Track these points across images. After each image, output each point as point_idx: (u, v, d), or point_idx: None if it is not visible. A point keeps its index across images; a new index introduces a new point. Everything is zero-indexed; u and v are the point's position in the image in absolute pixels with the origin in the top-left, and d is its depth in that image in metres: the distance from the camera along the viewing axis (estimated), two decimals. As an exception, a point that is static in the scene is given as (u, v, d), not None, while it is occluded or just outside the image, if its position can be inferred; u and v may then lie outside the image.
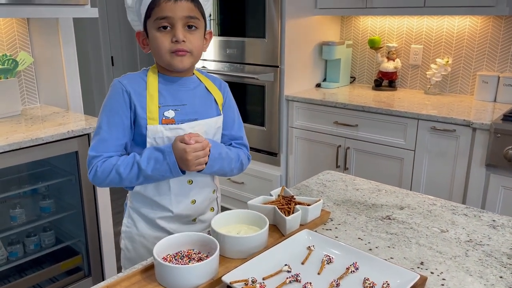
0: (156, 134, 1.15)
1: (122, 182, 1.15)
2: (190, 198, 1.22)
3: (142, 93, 1.17)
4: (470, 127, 2.22)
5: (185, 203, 1.22)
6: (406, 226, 1.18)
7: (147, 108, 1.15)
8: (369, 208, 1.28)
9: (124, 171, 1.13)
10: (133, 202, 1.25)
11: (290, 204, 1.15)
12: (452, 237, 1.13)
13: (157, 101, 1.17)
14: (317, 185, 1.44)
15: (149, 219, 1.23)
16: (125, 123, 1.16)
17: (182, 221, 1.24)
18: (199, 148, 1.12)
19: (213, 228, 1.01)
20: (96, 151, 1.16)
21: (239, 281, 0.87)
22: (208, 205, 1.29)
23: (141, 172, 1.13)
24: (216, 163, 1.20)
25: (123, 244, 1.29)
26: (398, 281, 0.89)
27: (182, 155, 1.11)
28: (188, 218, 1.25)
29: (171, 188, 1.19)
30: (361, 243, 1.09)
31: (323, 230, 1.15)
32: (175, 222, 1.23)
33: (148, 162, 1.13)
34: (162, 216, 1.22)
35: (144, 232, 1.24)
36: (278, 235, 1.10)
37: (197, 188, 1.23)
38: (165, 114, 1.17)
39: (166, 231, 1.23)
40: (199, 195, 1.24)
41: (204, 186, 1.25)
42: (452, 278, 0.95)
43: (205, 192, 1.26)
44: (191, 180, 1.21)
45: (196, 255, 0.97)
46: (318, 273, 0.94)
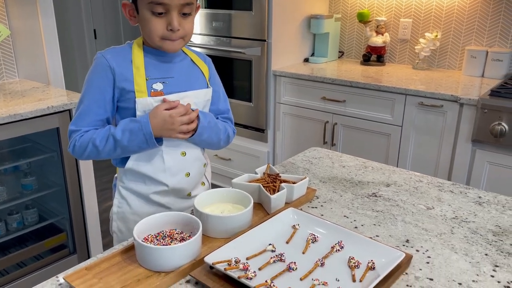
0: (146, 107, 1.13)
1: (100, 154, 1.14)
2: (185, 170, 1.21)
3: (128, 67, 1.14)
4: (457, 103, 2.21)
5: (180, 176, 1.21)
6: (392, 203, 1.17)
7: (134, 81, 1.13)
8: (355, 186, 1.27)
9: (100, 143, 1.12)
10: (123, 180, 1.22)
11: (275, 182, 1.13)
12: (438, 214, 1.12)
13: (144, 74, 1.14)
14: (303, 162, 1.42)
15: (142, 195, 1.21)
16: (106, 99, 1.14)
17: (177, 195, 1.23)
18: (183, 111, 1.12)
19: (196, 208, 0.99)
20: (75, 125, 1.15)
21: (222, 261, 0.85)
22: (200, 179, 1.28)
23: (117, 144, 1.12)
24: (205, 131, 1.19)
25: (115, 226, 1.26)
26: (383, 260, 0.88)
27: (167, 120, 1.10)
28: (183, 192, 1.24)
29: (165, 161, 1.18)
30: (346, 221, 1.08)
31: (309, 208, 1.14)
32: (170, 196, 1.22)
33: (123, 133, 1.11)
34: (157, 191, 1.20)
35: (138, 209, 1.22)
36: (262, 213, 1.08)
37: (191, 161, 1.22)
38: (153, 87, 1.15)
39: (162, 206, 1.22)
40: (193, 167, 1.23)
41: (196, 159, 1.24)
42: (437, 256, 0.95)
43: (197, 165, 1.25)
44: (184, 152, 1.20)
45: (179, 235, 0.95)
46: (302, 253, 0.92)
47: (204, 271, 0.86)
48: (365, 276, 0.84)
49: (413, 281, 0.87)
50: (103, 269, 0.86)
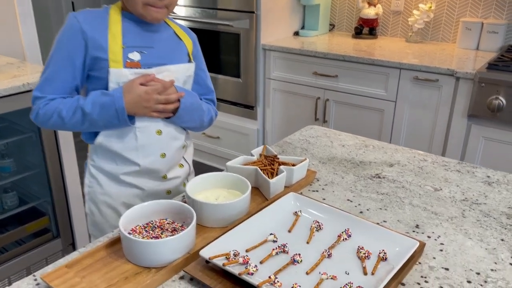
0: (119, 79, 1.02)
1: (65, 126, 1.04)
2: (160, 151, 1.11)
3: (103, 32, 1.02)
4: (453, 77, 2.14)
5: (154, 156, 1.10)
6: (398, 185, 1.10)
7: (109, 49, 1.01)
8: (356, 166, 1.19)
9: (67, 114, 1.02)
10: (93, 157, 1.12)
11: (274, 165, 1.05)
12: (446, 196, 1.05)
13: (120, 41, 1.02)
14: (300, 142, 1.33)
15: (112, 175, 1.11)
16: (76, 65, 1.02)
17: (151, 176, 1.13)
18: (160, 88, 1.02)
19: (188, 195, 0.90)
20: (40, 92, 1.04)
21: (219, 255, 0.77)
22: (178, 160, 1.18)
23: (86, 117, 1.01)
24: (187, 113, 1.10)
25: (87, 207, 1.18)
26: (396, 249, 0.81)
27: (142, 96, 1.00)
28: (157, 174, 1.13)
29: (138, 138, 1.07)
30: (350, 205, 1.01)
31: (309, 191, 1.06)
32: (143, 177, 1.12)
33: (93, 106, 1.01)
34: (128, 172, 1.10)
35: (109, 190, 1.12)
36: (260, 199, 1.00)
37: (167, 140, 1.11)
38: (129, 57, 1.03)
39: (134, 186, 1.12)
40: (169, 148, 1.13)
41: (174, 138, 1.13)
42: (450, 243, 0.88)
43: (175, 146, 1.14)
44: (160, 131, 1.09)
45: (170, 225, 0.86)
46: (307, 242, 0.84)
47: (200, 266, 0.77)
48: (377, 268, 0.77)
49: (428, 271, 0.80)
50: (86, 266, 0.77)
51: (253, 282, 0.71)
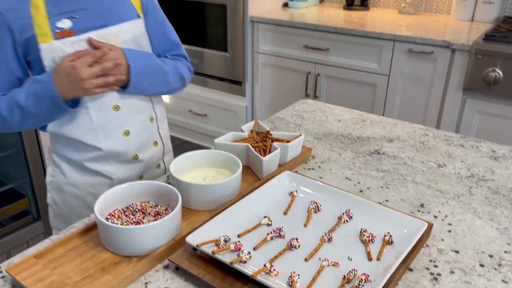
0: (53, 54, 0.87)
1: (11, 126, 0.91)
2: (121, 128, 0.97)
3: (23, 8, 0.86)
4: (449, 49, 2.05)
5: (115, 135, 0.96)
6: (399, 161, 1.02)
7: (34, 24, 0.86)
8: (354, 142, 1.11)
9: (7, 114, 0.88)
10: (55, 144, 1.00)
11: (266, 141, 0.96)
12: (451, 172, 0.98)
13: (44, 12, 0.87)
14: (294, 117, 1.25)
15: (76, 163, 0.98)
16: (7, 56, 0.88)
17: (119, 160, 0.99)
18: (90, 60, 0.86)
19: (172, 175, 0.81)
20: None
21: (208, 242, 0.69)
22: (148, 137, 1.04)
23: (25, 112, 0.88)
24: (143, 78, 0.95)
25: (50, 198, 1.05)
26: (404, 231, 0.73)
27: (71, 74, 0.85)
28: (125, 156, 1.00)
29: (92, 118, 0.93)
30: (350, 184, 0.93)
31: (305, 170, 0.98)
32: (109, 162, 0.98)
33: (27, 98, 0.87)
34: (91, 158, 0.97)
35: (74, 179, 0.99)
36: (252, 179, 0.92)
37: (128, 115, 0.97)
38: (58, 26, 0.87)
39: (101, 175, 0.99)
40: (133, 124, 0.98)
41: (137, 111, 0.99)
42: (459, 223, 0.81)
43: (140, 120, 1.00)
44: (117, 106, 0.95)
45: (152, 209, 0.78)
46: (304, 225, 0.77)
47: (186, 254, 0.69)
48: (382, 253, 0.70)
49: (437, 255, 0.73)
50: (58, 256, 0.69)
51: (247, 272, 0.63)
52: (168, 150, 1.12)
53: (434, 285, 0.67)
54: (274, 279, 0.64)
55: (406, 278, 0.68)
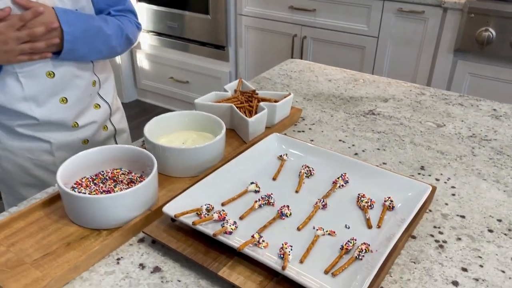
0: None
1: None
2: (57, 96, 0.85)
3: None
4: (441, 7, 1.97)
5: (51, 104, 0.85)
6: (395, 121, 0.95)
7: None
8: (347, 102, 1.03)
9: None
10: None
11: (252, 102, 0.87)
12: (451, 132, 0.91)
13: None
14: (281, 77, 1.16)
15: (7, 127, 0.87)
16: None
17: (56, 127, 0.88)
18: (16, 23, 0.74)
19: (148, 139, 0.72)
20: None
21: (189, 211, 0.61)
22: (90, 102, 0.92)
23: None
24: (81, 45, 0.83)
25: None
26: (406, 196, 0.66)
27: None
28: (63, 125, 0.88)
29: (23, 86, 0.81)
30: (343, 147, 0.85)
31: (294, 132, 0.90)
32: (46, 129, 0.87)
33: None
34: (24, 124, 0.86)
35: (9, 144, 0.88)
36: (237, 142, 0.83)
37: (66, 81, 0.85)
38: None
39: (37, 139, 0.88)
40: (71, 90, 0.87)
41: (75, 77, 0.87)
42: (463, 186, 0.75)
43: (79, 86, 0.88)
44: (51, 72, 0.83)
45: (125, 176, 0.69)
46: (296, 191, 0.69)
47: (164, 226, 0.61)
48: (383, 220, 0.63)
49: (441, 220, 0.67)
50: (16, 231, 0.60)
51: (232, 244, 0.55)
52: (117, 109, 1.00)
53: (440, 253, 0.61)
54: (263, 252, 0.56)
55: (409, 247, 0.62)
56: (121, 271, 0.56)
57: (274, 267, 0.53)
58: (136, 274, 0.56)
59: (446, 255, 0.60)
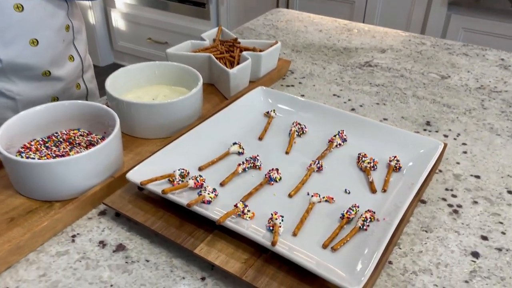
0: None
1: None
2: (27, 36, 0.72)
3: None
4: (435, -42, 1.84)
5: (18, 44, 0.72)
6: (395, 73, 0.85)
7: None
8: (340, 54, 0.92)
9: None
10: None
11: (234, 51, 0.76)
12: (457, 84, 0.82)
13: None
14: (266, 28, 1.04)
15: None
16: None
17: (25, 75, 0.75)
18: None
19: (110, 94, 0.61)
20: None
21: (158, 177, 0.50)
22: (64, 50, 0.80)
23: None
24: None
25: None
26: (413, 154, 0.57)
27: None
28: (33, 71, 0.76)
29: None
30: (338, 102, 0.75)
31: (283, 87, 0.79)
32: (12, 79, 0.74)
33: None
34: None
35: None
36: (217, 99, 0.73)
37: (37, 18, 0.73)
38: None
39: (3, 96, 0.75)
40: (43, 30, 0.74)
41: (47, 16, 0.74)
42: (475, 142, 0.66)
43: (53, 27, 0.75)
44: (19, 5, 0.69)
45: (84, 138, 0.58)
46: (286, 152, 0.59)
47: (129, 196, 0.51)
48: (388, 183, 0.54)
49: (453, 182, 0.58)
50: (-51, 207, 0.50)
51: (211, 216, 0.46)
52: (88, 66, 0.88)
53: (455, 219, 0.52)
54: (248, 224, 0.47)
55: (419, 213, 0.53)
56: (77, 251, 0.46)
57: (262, 242, 0.43)
58: (95, 254, 0.46)
59: (462, 222, 0.52)
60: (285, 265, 0.43)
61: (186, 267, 0.45)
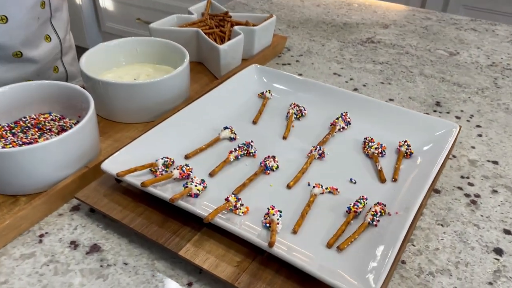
0: None
1: None
2: None
3: None
4: None
5: None
6: (399, 50, 0.78)
7: None
8: (340, 30, 0.86)
9: None
10: None
11: (224, 26, 0.69)
12: (467, 61, 0.75)
13: None
14: (260, 2, 0.96)
15: None
16: None
17: None
18: None
19: (85, 73, 0.54)
20: None
21: (138, 168, 0.44)
22: (38, 29, 0.71)
23: None
24: None
25: None
26: (433, 135, 0.51)
27: None
28: (1, 51, 0.68)
29: None
30: (340, 81, 0.69)
31: (278, 66, 0.73)
32: None
33: None
34: None
35: None
36: (207, 79, 0.66)
37: None
38: None
39: None
40: (13, 6, 0.66)
41: None
42: (490, 124, 0.60)
43: (23, 1, 0.66)
44: None
45: (55, 123, 0.52)
46: (283, 138, 0.53)
47: (105, 189, 0.45)
48: (399, 170, 0.48)
49: (469, 168, 0.52)
50: None
51: (198, 212, 0.40)
52: (69, 47, 0.80)
53: (474, 211, 0.46)
54: (242, 220, 0.41)
55: (433, 204, 0.47)
56: (44, 253, 0.40)
57: (257, 243, 0.37)
58: (65, 257, 0.40)
59: (481, 214, 0.46)
60: (284, 268, 0.38)
61: (171, 271, 0.39)
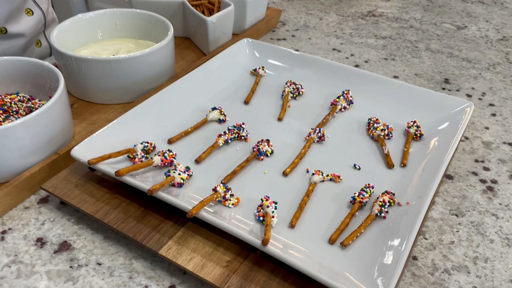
0: None
1: None
2: None
3: None
4: None
5: None
6: (403, 24, 0.73)
7: None
8: (339, 2, 0.80)
9: None
10: None
11: (212, -4, 0.63)
12: (476, 35, 0.70)
13: None
14: (252, -27, 0.90)
15: None
16: None
17: None
18: None
19: (56, 48, 0.48)
20: None
21: (113, 155, 0.39)
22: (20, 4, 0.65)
23: None
24: None
25: None
26: (445, 114, 0.46)
27: None
28: None
29: None
30: (340, 57, 0.64)
31: (273, 41, 0.67)
32: None
33: None
34: None
35: None
36: (194, 55, 0.60)
37: None
38: None
39: None
40: None
41: None
42: (503, 102, 0.55)
43: None
44: None
45: (23, 104, 0.46)
46: (279, 119, 0.48)
47: (77, 179, 0.40)
48: (408, 154, 0.43)
49: (483, 151, 0.47)
50: None
51: (182, 205, 0.35)
52: (52, 20, 0.74)
53: (491, 198, 0.42)
54: (232, 213, 0.36)
55: (446, 192, 0.42)
56: (6, 252, 0.35)
57: (249, 240, 0.32)
58: (30, 257, 0.35)
59: (499, 202, 0.42)
60: (280, 268, 0.33)
61: (150, 271, 0.34)
